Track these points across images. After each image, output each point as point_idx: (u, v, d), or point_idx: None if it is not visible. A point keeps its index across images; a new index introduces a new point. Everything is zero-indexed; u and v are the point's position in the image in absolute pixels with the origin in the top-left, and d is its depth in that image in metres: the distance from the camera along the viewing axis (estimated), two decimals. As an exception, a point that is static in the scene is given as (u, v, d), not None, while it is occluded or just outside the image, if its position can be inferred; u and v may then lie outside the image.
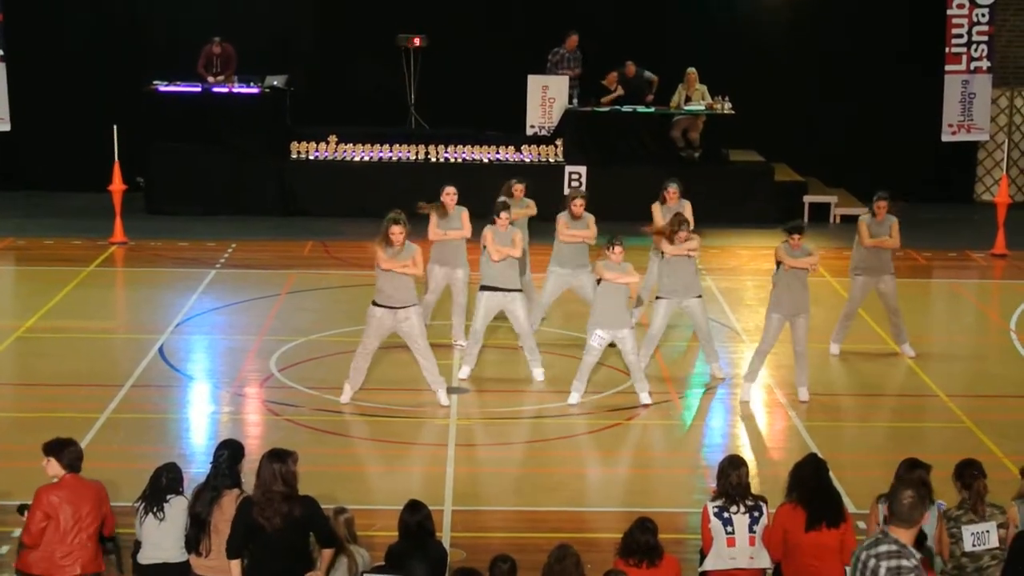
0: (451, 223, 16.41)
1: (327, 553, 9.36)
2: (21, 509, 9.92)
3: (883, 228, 16.56)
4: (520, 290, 15.84)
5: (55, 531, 9.59)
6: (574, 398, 15.12)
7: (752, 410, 15.19)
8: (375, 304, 14.55)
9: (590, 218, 16.47)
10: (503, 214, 15.63)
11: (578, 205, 16.43)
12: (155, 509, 9.77)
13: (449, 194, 16.40)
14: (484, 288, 15.66)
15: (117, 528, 10.06)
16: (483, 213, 16.97)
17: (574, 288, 16.73)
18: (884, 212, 16.59)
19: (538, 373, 15.90)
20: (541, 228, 17.97)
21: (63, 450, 9.70)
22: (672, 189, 17.15)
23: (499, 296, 15.61)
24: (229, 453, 9.80)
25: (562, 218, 16.54)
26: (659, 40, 26.14)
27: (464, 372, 15.84)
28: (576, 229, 16.41)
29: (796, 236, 15.02)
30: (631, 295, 15.61)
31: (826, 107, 26.96)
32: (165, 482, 9.88)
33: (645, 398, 15.09)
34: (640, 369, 15.15)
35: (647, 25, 26.52)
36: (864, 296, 16.91)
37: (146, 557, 9.84)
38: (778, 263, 15.11)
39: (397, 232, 14.29)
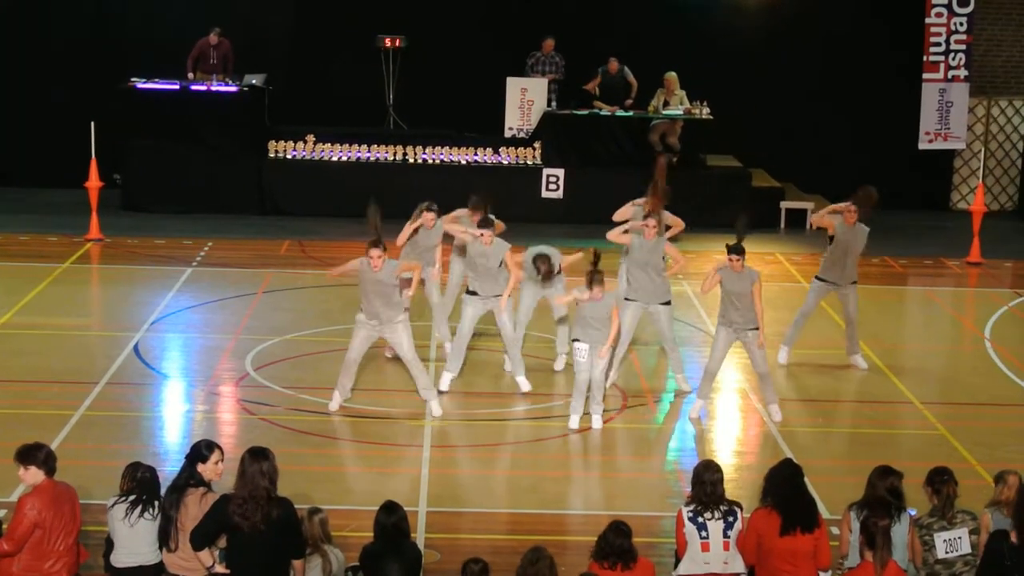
0: (431, 237, 15.97)
1: (299, 564, 9.34)
2: None
3: (851, 234, 16.50)
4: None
5: (44, 539, 9.37)
6: (573, 421, 14.45)
7: (727, 415, 15.21)
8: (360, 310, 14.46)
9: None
10: (484, 232, 15.13)
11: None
12: (150, 508, 9.68)
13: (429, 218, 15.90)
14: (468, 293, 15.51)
15: (85, 526, 9.92)
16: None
17: (547, 297, 16.34)
18: (854, 219, 16.48)
19: (523, 382, 15.63)
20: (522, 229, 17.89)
21: (39, 455, 9.46)
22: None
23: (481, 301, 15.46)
24: (189, 454, 9.76)
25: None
26: (638, 45, 26.12)
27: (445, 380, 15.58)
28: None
29: (734, 257, 14.57)
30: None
31: (804, 114, 27.01)
32: (152, 481, 9.81)
33: (596, 421, 14.49)
34: (601, 390, 14.51)
35: (625, 30, 26.49)
36: (818, 301, 16.85)
37: (120, 560, 9.76)
38: None
39: (375, 255, 13.87)
